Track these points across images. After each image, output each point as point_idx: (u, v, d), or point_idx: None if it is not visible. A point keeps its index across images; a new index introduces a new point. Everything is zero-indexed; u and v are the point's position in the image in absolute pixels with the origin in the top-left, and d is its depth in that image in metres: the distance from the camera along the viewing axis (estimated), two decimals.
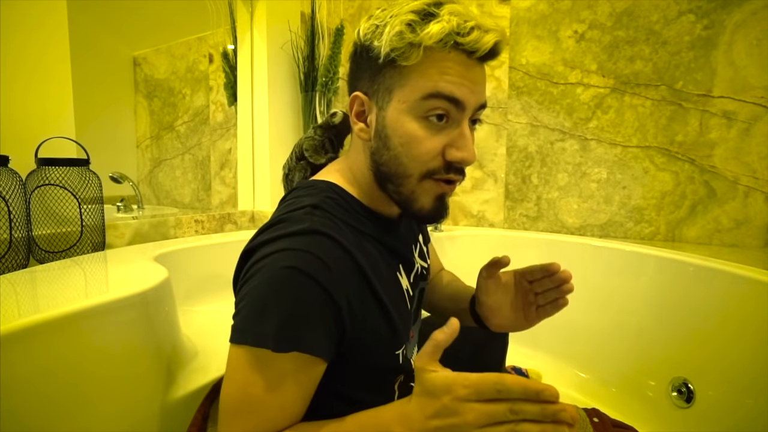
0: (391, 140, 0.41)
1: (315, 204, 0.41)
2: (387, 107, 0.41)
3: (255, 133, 1.37)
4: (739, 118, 1.06)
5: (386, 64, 0.40)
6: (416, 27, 0.38)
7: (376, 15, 0.41)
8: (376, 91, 0.42)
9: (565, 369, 1.06)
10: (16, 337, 0.38)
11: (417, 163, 0.41)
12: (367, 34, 0.41)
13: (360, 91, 0.43)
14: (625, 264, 1.02)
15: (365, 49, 0.42)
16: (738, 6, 1.03)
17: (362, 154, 0.45)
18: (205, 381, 0.58)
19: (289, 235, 0.37)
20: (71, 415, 0.43)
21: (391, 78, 0.40)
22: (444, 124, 0.41)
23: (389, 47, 0.39)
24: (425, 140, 0.40)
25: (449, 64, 0.39)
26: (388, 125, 0.41)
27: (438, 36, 0.37)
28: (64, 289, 0.53)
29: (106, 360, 0.46)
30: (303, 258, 0.35)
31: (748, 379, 0.73)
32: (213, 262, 0.99)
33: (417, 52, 0.38)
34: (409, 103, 0.40)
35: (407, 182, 0.42)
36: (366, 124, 0.44)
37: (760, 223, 1.07)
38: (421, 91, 0.39)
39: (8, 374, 0.37)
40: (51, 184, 0.73)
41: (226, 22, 1.39)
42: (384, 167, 0.42)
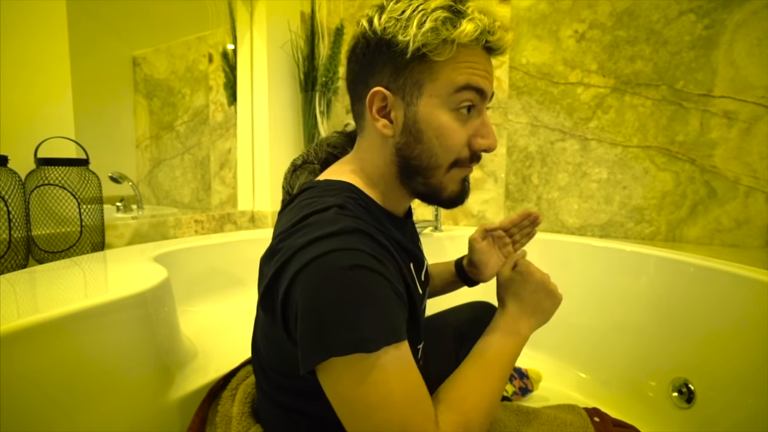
0: (425, 134, 0.42)
1: (341, 204, 0.40)
2: (417, 102, 0.42)
3: (255, 133, 1.38)
4: (739, 117, 1.06)
5: (414, 59, 0.40)
6: (449, 24, 0.39)
7: (392, 8, 0.41)
8: (402, 86, 0.42)
9: (565, 369, 1.06)
10: (15, 337, 0.38)
11: (449, 153, 0.43)
12: (388, 27, 0.40)
13: (380, 86, 0.42)
14: (626, 264, 1.02)
15: (385, 44, 0.41)
16: (739, 5, 1.03)
17: (381, 151, 0.45)
18: (204, 381, 0.58)
19: (332, 235, 0.36)
20: (70, 415, 0.43)
21: (420, 73, 0.41)
22: (468, 116, 0.43)
23: (421, 42, 0.38)
24: (457, 131, 0.42)
25: (476, 58, 0.41)
26: (420, 119, 0.42)
27: (473, 34, 0.39)
28: (63, 289, 0.53)
29: (106, 360, 0.46)
30: (361, 256, 0.34)
31: (749, 379, 0.72)
32: (213, 262, 0.99)
33: (450, 48, 0.39)
34: (442, 97, 0.41)
35: (437, 173, 0.44)
36: (390, 120, 0.43)
37: (761, 223, 1.07)
38: (455, 85, 0.41)
39: (8, 374, 0.37)
40: (50, 184, 0.74)
41: (225, 21, 1.40)
42: (415, 161, 0.43)
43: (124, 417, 0.49)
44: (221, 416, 0.51)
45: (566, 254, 1.14)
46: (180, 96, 1.57)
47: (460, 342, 0.72)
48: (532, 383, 0.97)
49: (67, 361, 0.43)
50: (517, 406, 0.55)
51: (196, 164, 1.57)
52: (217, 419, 0.51)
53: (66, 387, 0.43)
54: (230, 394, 0.54)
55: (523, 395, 0.95)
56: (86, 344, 0.44)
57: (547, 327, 1.19)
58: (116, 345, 0.48)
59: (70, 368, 0.43)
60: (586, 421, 0.52)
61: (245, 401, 0.52)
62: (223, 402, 0.53)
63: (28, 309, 0.43)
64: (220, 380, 0.57)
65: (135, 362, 0.51)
